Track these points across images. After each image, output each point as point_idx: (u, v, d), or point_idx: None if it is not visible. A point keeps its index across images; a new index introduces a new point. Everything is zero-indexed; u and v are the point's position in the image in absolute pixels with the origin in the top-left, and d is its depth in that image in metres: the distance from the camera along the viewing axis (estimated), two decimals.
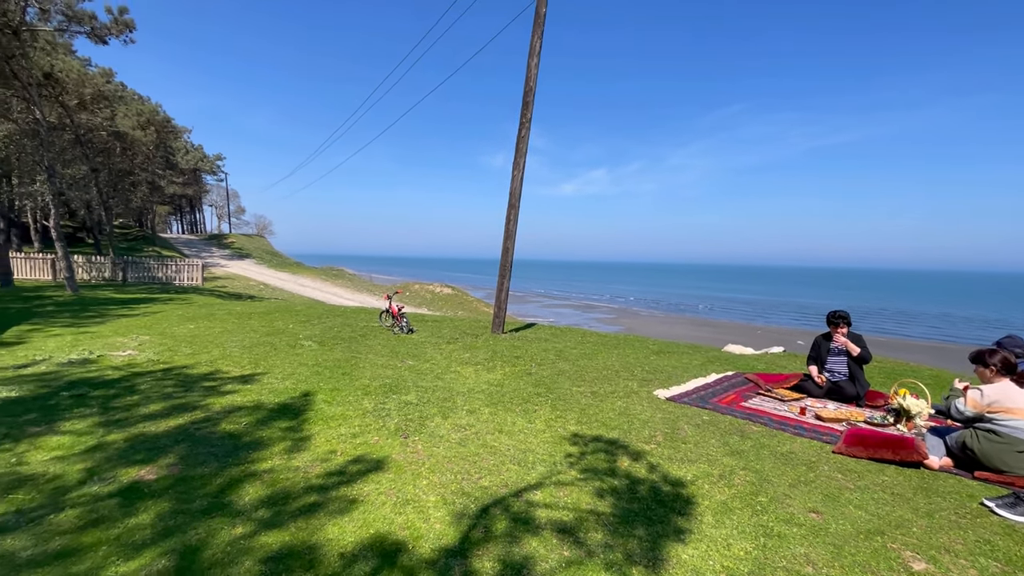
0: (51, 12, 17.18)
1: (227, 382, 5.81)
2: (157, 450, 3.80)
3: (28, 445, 3.81)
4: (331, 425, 4.51)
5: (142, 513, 2.93)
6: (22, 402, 4.82)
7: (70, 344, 7.72)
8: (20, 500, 3.02)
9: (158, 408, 4.77)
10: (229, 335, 8.98)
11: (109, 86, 29.05)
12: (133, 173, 33.22)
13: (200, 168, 61.38)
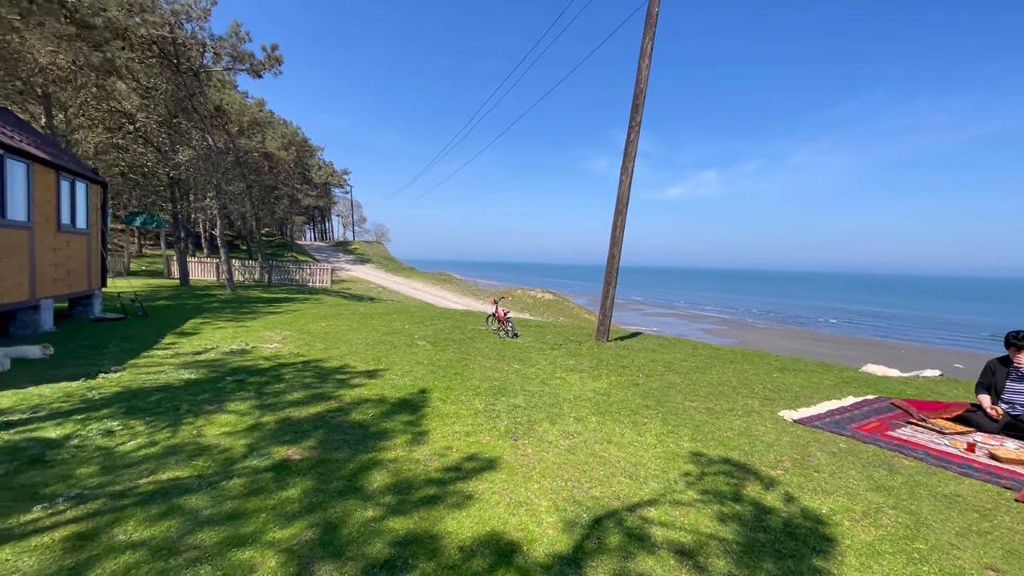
0: (221, 55, 20.35)
1: (355, 376, 6.39)
2: (301, 434, 4.30)
3: (204, 420, 4.52)
4: (446, 422, 4.75)
5: (291, 488, 3.32)
6: (198, 384, 5.72)
7: (231, 336, 9.03)
8: (200, 466, 3.59)
9: (300, 396, 5.40)
10: (354, 333, 9.87)
11: (261, 114, 33.65)
12: (277, 188, 38.07)
13: (330, 182, 68.50)
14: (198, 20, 19.07)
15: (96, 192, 11.10)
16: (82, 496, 3.09)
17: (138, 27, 17.65)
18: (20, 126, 10.22)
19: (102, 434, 4.06)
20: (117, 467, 3.52)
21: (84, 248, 10.41)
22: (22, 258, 8.02)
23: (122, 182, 24.78)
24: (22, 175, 8.01)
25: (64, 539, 2.64)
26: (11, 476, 3.31)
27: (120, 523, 2.81)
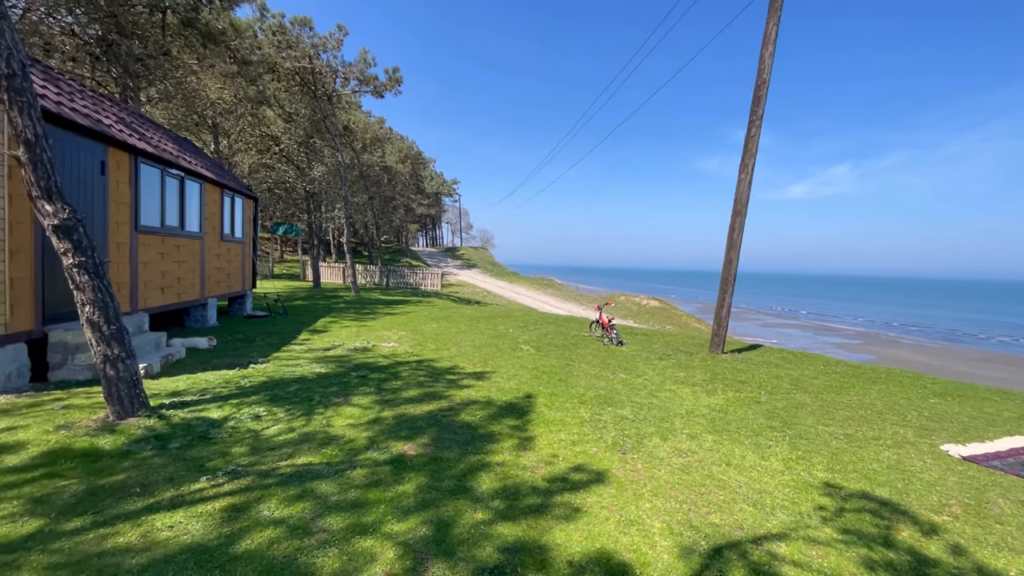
0: (350, 79, 22.53)
1: (463, 377, 6.62)
2: (416, 430, 4.53)
3: (333, 412, 4.96)
4: (552, 429, 4.71)
5: (407, 483, 3.50)
6: (328, 377, 6.31)
7: (355, 334, 9.88)
8: (329, 455, 3.93)
9: (415, 394, 5.71)
10: (463, 335, 10.27)
11: (382, 130, 36.68)
12: (395, 198, 41.17)
13: (441, 192, 72.53)
14: (332, 50, 21.28)
15: (249, 206, 12.84)
16: (236, 472, 3.53)
17: (284, 61, 20.15)
18: (196, 152, 12.18)
19: (252, 418, 4.63)
20: (263, 449, 3.98)
21: (240, 254, 12.08)
22: (196, 263, 9.51)
23: (269, 196, 28.46)
24: (197, 193, 9.51)
25: (222, 509, 3.03)
26: (184, 449, 3.90)
27: (265, 500, 3.16)
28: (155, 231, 7.95)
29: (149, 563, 2.49)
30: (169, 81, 17.51)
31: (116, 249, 6.90)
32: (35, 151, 4.03)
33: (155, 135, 9.38)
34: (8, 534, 2.68)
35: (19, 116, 3.97)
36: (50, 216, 4.10)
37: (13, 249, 5.11)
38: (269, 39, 20.14)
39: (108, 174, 6.69)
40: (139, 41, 15.68)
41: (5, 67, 3.90)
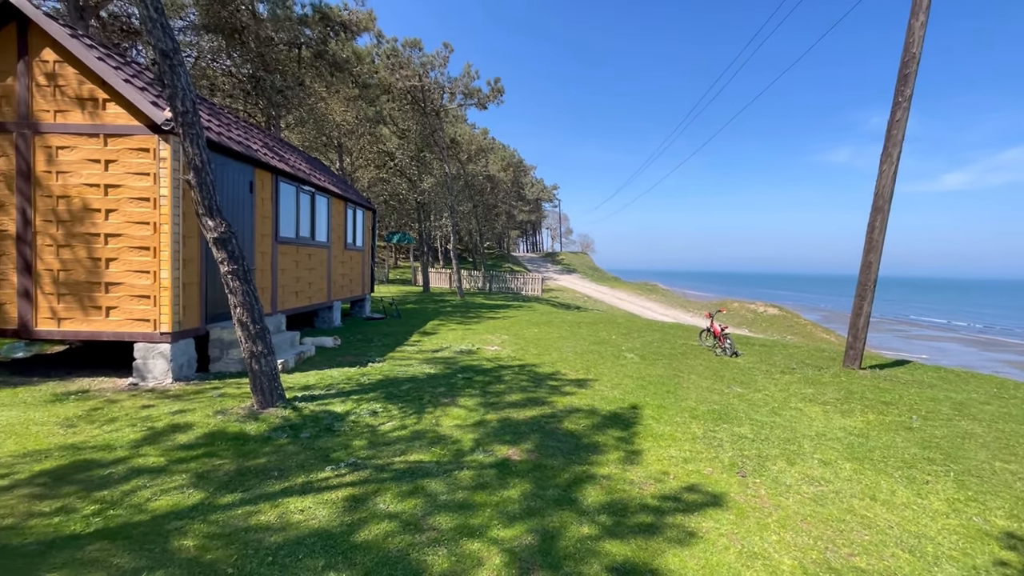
0: (456, 94, 23.66)
1: (565, 384, 6.54)
2: (519, 436, 4.54)
3: (441, 412, 5.16)
4: (661, 444, 4.46)
5: (511, 488, 3.50)
6: (436, 378, 6.60)
7: (460, 337, 10.26)
8: (438, 454, 4.07)
9: (517, 399, 5.75)
10: (564, 341, 10.19)
11: (485, 141, 38.00)
12: (497, 206, 42.39)
13: (541, 198, 73.30)
14: (439, 67, 22.52)
15: (369, 217, 13.98)
16: (356, 464, 3.79)
17: (397, 81, 21.72)
18: (324, 170, 13.55)
19: (370, 414, 4.97)
20: (379, 444, 4.24)
21: (360, 261, 13.18)
22: (324, 270, 10.54)
23: (385, 208, 30.81)
24: (325, 207, 10.55)
25: (344, 499, 3.26)
26: (313, 439, 4.28)
27: (380, 494, 3.35)
28: (291, 241, 8.95)
29: (284, 542, 2.75)
30: (303, 108, 19.73)
31: (260, 258, 7.87)
32: (201, 175, 4.72)
33: (292, 156, 10.58)
34: (179, 503, 3.12)
35: (190, 146, 4.68)
36: (211, 230, 4.76)
37: (185, 259, 6.04)
38: (384, 62, 21.85)
39: (255, 192, 7.66)
40: (280, 75, 17.88)
41: (181, 106, 4.62)
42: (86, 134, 5.80)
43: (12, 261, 5.82)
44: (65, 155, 5.81)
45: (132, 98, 5.65)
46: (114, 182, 5.82)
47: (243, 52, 17.38)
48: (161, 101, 5.95)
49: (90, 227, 5.83)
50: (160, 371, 5.81)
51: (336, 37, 19.57)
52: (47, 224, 5.81)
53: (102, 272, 5.84)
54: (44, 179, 5.80)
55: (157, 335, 5.82)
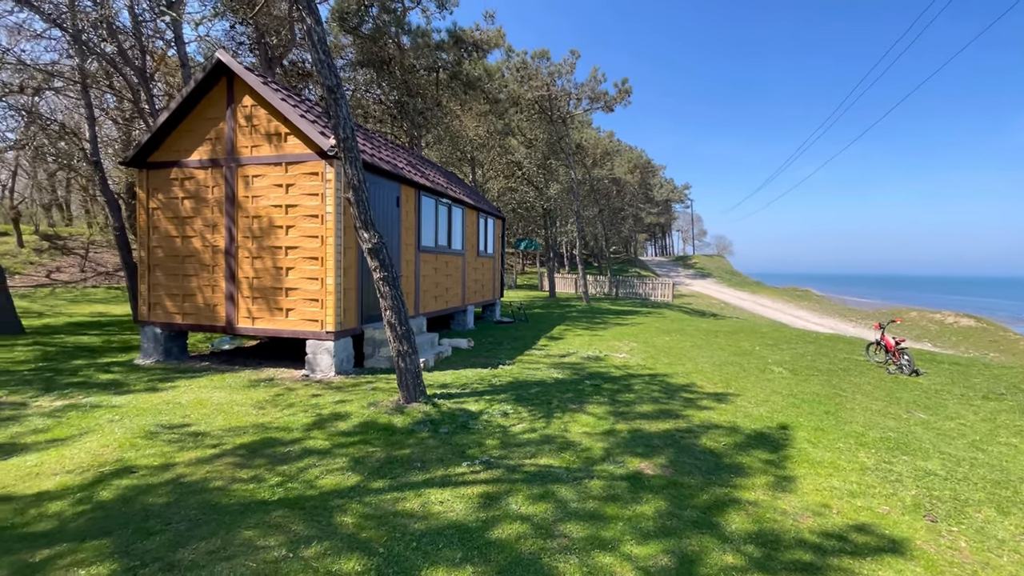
0: (582, 99, 23.65)
1: (702, 397, 6.10)
2: (652, 448, 4.33)
3: (569, 418, 5.14)
4: (819, 472, 3.91)
5: (644, 504, 3.34)
6: (564, 383, 6.61)
7: (587, 343, 10.16)
8: (567, 460, 4.06)
9: (649, 409, 5.50)
10: (699, 350, 9.53)
11: (611, 144, 37.37)
12: (623, 209, 41.35)
13: (671, 199, 69.83)
14: (566, 75, 22.72)
15: (498, 225, 14.58)
16: (489, 463, 3.94)
17: (526, 93, 22.39)
18: (459, 182, 14.47)
19: (501, 415, 5.15)
20: (510, 444, 4.36)
21: (491, 268, 13.80)
22: (459, 276, 11.24)
23: (512, 216, 31.91)
24: (460, 217, 11.25)
25: (479, 495, 3.40)
26: (451, 435, 4.55)
27: (512, 494, 3.43)
28: (431, 250, 9.69)
29: (426, 530, 2.95)
30: (440, 127, 21.34)
31: (405, 265, 8.64)
32: (359, 193, 5.34)
33: (431, 172, 11.49)
34: (340, 483, 3.53)
35: (350, 168, 5.32)
36: (366, 241, 5.35)
37: (345, 267, 6.87)
38: (513, 76, 22.68)
39: (401, 206, 8.45)
40: (420, 98, 19.58)
41: (342, 133, 5.27)
42: (272, 163, 6.93)
43: (222, 271, 7.17)
44: (257, 182, 7.00)
45: (306, 130, 6.61)
46: (292, 202, 6.85)
47: (390, 81, 19.37)
48: (327, 131, 6.87)
49: (275, 241, 6.93)
50: (325, 365, 6.68)
51: (469, 57, 20.85)
52: (245, 239, 7.05)
53: (283, 279, 6.90)
54: (243, 202, 7.06)
55: (323, 333, 6.70)
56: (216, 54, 6.97)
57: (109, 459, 3.82)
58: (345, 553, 2.70)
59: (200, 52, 17.18)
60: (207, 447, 4.11)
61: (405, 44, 18.96)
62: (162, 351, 7.48)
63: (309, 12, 5.23)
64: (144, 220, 7.52)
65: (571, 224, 34.86)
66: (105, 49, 12.15)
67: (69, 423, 4.61)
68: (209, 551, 2.68)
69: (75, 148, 17.31)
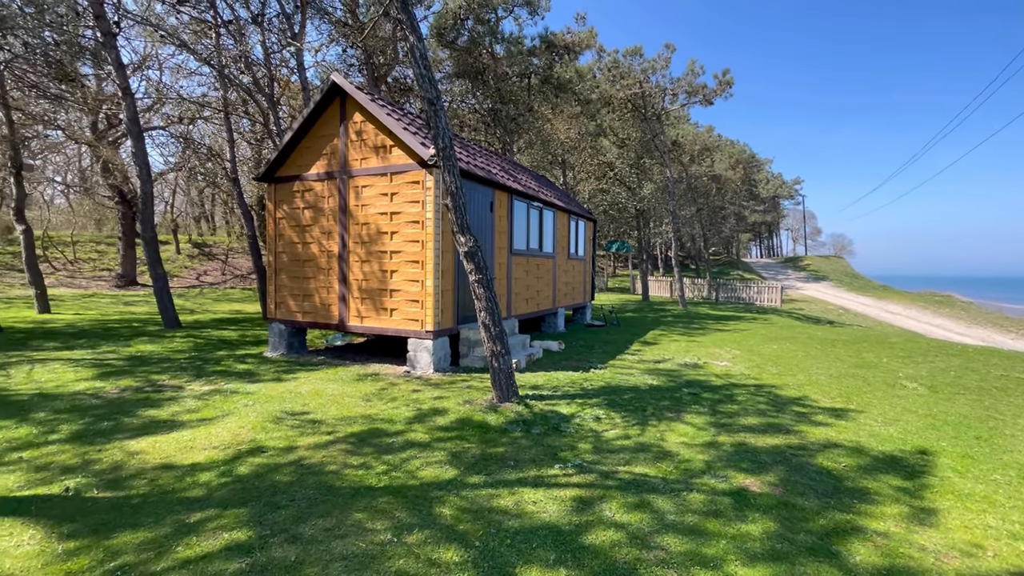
0: (678, 94, 22.65)
1: (817, 412, 5.54)
2: (759, 464, 4.02)
3: (665, 426, 4.93)
4: (968, 506, 3.37)
5: (751, 523, 3.11)
6: (659, 390, 6.35)
7: (684, 349, 9.68)
8: (664, 470, 3.89)
9: (755, 422, 5.11)
10: (812, 361, 8.67)
11: (710, 139, 35.32)
12: (724, 208, 38.86)
13: (778, 195, 64.36)
14: (661, 70, 21.91)
15: (590, 227, 14.42)
16: (582, 467, 3.90)
17: (618, 92, 21.93)
18: (549, 185, 14.54)
19: (593, 419, 5.08)
20: (603, 450, 4.28)
21: (582, 270, 13.68)
22: (549, 278, 11.29)
23: (604, 218, 31.37)
24: (551, 220, 11.30)
25: (573, 499, 3.38)
26: (543, 436, 4.58)
27: (606, 500, 3.36)
28: (523, 253, 9.84)
29: (520, 529, 2.99)
30: (532, 131, 21.61)
31: (498, 268, 8.85)
32: (456, 199, 5.57)
33: (523, 176, 11.66)
34: (438, 476, 3.71)
35: (448, 175, 5.57)
36: (463, 245, 5.57)
37: (443, 270, 7.21)
38: (605, 75, 22.32)
39: (494, 210, 8.68)
40: (513, 105, 19.99)
41: (441, 143, 5.54)
42: (379, 174, 7.47)
43: (336, 274, 7.86)
44: (366, 191, 7.58)
45: (409, 142, 7.04)
46: (396, 210, 7.33)
47: (484, 90, 20.01)
48: (427, 141, 7.27)
49: (380, 246, 7.46)
50: (424, 362, 7.05)
51: (560, 60, 20.90)
52: (355, 245, 7.67)
53: (388, 281, 7.40)
54: (354, 211, 7.68)
55: (423, 332, 7.07)
56: (331, 76, 7.67)
57: (245, 439, 4.35)
58: (444, 543, 2.82)
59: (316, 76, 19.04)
60: (323, 434, 4.53)
61: (498, 53, 19.48)
62: (286, 345, 8.37)
63: (412, 30, 5.57)
64: (272, 229, 8.48)
65: (666, 225, 33.54)
66: (242, 80, 13.92)
67: (214, 405, 5.32)
68: (326, 528, 2.95)
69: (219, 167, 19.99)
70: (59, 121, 16.30)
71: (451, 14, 18.04)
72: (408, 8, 5.56)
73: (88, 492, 3.36)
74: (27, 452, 4.00)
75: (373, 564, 2.62)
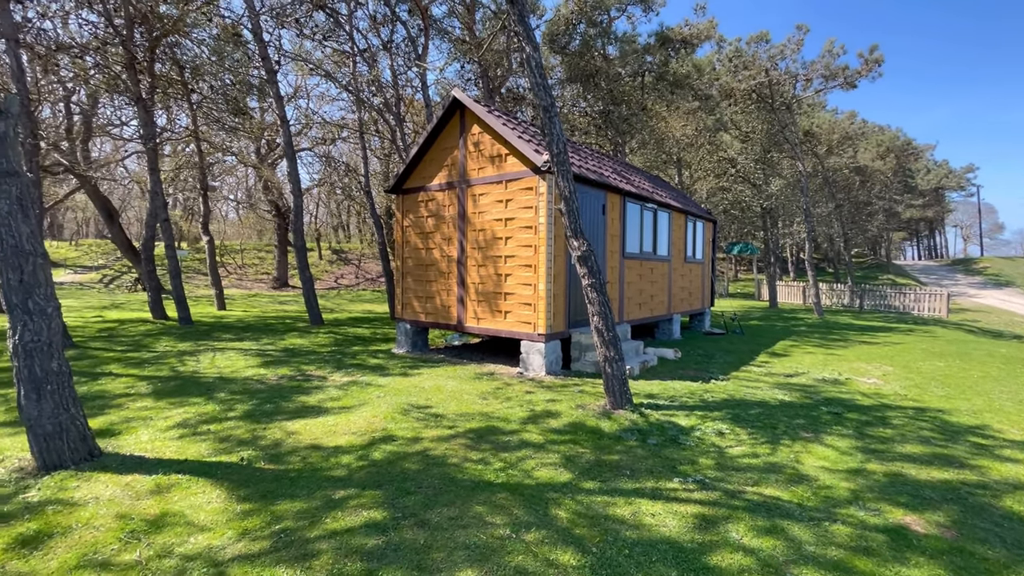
0: (812, 79, 20.39)
1: (1003, 445, 4.62)
2: (922, 500, 3.46)
3: (801, 447, 4.46)
4: None
5: (913, 567, 2.69)
6: (792, 407, 5.77)
7: (821, 363, 8.67)
8: (800, 495, 3.53)
9: (916, 451, 4.41)
10: (994, 382, 7.25)
11: (852, 126, 31.22)
12: (870, 203, 34.06)
13: (943, 186, 54.83)
14: (791, 55, 19.94)
15: (709, 228, 13.57)
16: (704, 483, 3.68)
17: (740, 83, 20.39)
18: (664, 185, 13.95)
19: (715, 433, 4.76)
20: (727, 467, 4.00)
21: (700, 274, 12.91)
22: (664, 283, 10.83)
23: (724, 218, 29.28)
24: (666, 222, 10.84)
25: (693, 515, 3.21)
26: (660, 447, 4.41)
27: (732, 521, 3.14)
28: (636, 256, 9.56)
29: (638, 540, 2.91)
30: (645, 131, 20.93)
31: (609, 272, 8.71)
32: (569, 204, 5.60)
33: (635, 177, 11.34)
34: (553, 478, 3.75)
35: (561, 180, 5.62)
36: (576, 249, 5.58)
37: (555, 273, 7.28)
38: (726, 66, 20.88)
39: (606, 213, 8.56)
40: (625, 105, 19.54)
41: (555, 148, 5.61)
42: (494, 181, 7.77)
43: (455, 278, 8.33)
44: (482, 199, 7.93)
45: (523, 149, 7.24)
46: (510, 216, 7.57)
47: (595, 92, 19.83)
48: (540, 148, 7.40)
49: (496, 251, 7.75)
50: (537, 364, 7.17)
51: (676, 56, 20.01)
52: (472, 250, 8.06)
53: (502, 285, 7.66)
54: (472, 218, 8.08)
55: (535, 335, 7.20)
56: (452, 92, 8.16)
57: (378, 427, 4.79)
58: (560, 545, 2.85)
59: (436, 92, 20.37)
60: (444, 427, 4.82)
61: (611, 54, 19.21)
62: (410, 343, 9.05)
63: (528, 41, 5.72)
64: (399, 236, 9.23)
65: (798, 224, 30.37)
66: (374, 102, 15.38)
67: (351, 395, 5.93)
68: (450, 517, 3.14)
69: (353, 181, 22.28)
70: (233, 148, 19.41)
71: (563, 20, 18.18)
72: (525, 20, 5.73)
73: (257, 463, 3.94)
74: (213, 425, 4.82)
75: (494, 557, 2.73)
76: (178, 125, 17.24)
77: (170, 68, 13.15)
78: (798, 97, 21.21)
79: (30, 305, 3.70)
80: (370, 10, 14.14)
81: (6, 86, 10.78)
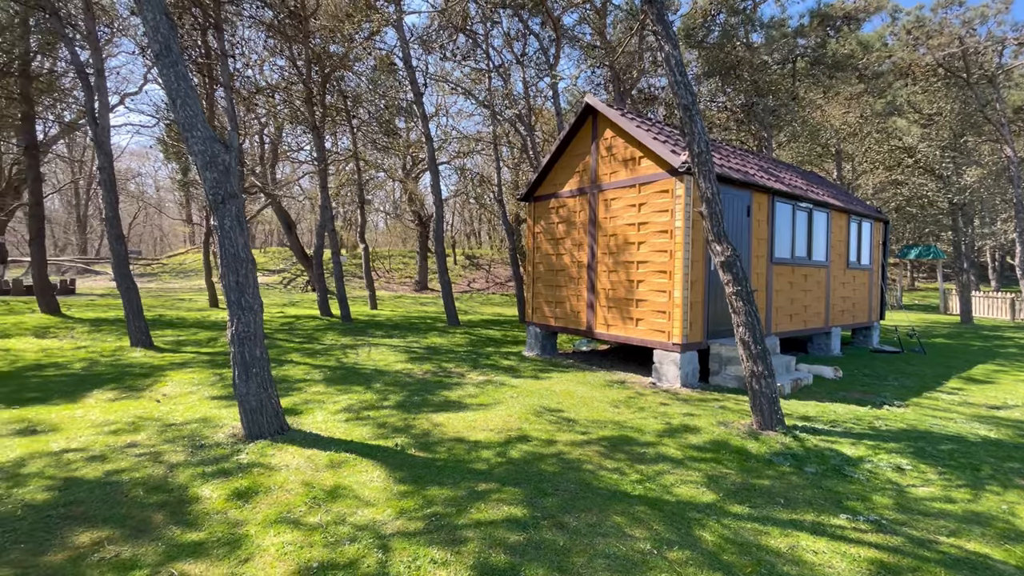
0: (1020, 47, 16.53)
1: None
2: None
3: (1016, 497, 3.63)
4: None
5: None
6: (1001, 445, 4.72)
7: None
8: (1019, 556, 2.87)
9: None
10: None
11: None
12: None
13: None
14: (995, 15, 16.43)
15: (878, 229, 11.73)
16: (880, 525, 3.19)
17: (922, 57, 17.33)
18: (820, 182, 12.39)
19: (892, 468, 4.10)
20: (911, 510, 3.41)
21: (866, 282, 11.21)
22: (821, 291, 9.61)
23: (896, 216, 25.04)
24: (823, 223, 9.62)
25: (870, 560, 2.80)
26: (820, 477, 3.92)
27: (922, 574, 2.67)
28: (786, 262, 8.64)
29: None
30: (796, 122, 18.83)
31: (755, 279, 7.98)
32: (712, 206, 5.27)
33: (785, 174, 10.25)
34: (695, 497, 3.54)
35: (703, 181, 5.31)
36: (719, 254, 5.22)
37: (692, 280, 6.89)
38: (902, 40, 17.91)
39: (752, 215, 7.87)
40: (772, 96, 17.78)
41: (697, 148, 5.32)
42: (627, 186, 7.62)
43: (584, 283, 8.33)
44: (614, 204, 7.82)
45: (658, 151, 6.99)
46: (643, 220, 7.35)
47: (736, 85, 18.38)
48: (677, 149, 7.08)
49: (627, 256, 7.58)
50: (671, 376, 6.84)
51: (836, 35, 17.72)
52: (603, 256, 7.99)
53: (634, 291, 7.46)
54: (603, 223, 8.01)
55: (670, 345, 6.88)
56: (584, 98, 8.19)
57: (513, 427, 4.98)
58: (708, 569, 2.68)
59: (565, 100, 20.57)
60: (577, 432, 4.84)
61: (755, 42, 17.69)
62: (540, 347, 9.25)
63: (667, 39, 5.52)
64: (530, 242, 9.51)
65: (1003, 222, 24.91)
66: (507, 114, 16.07)
67: (487, 394, 6.24)
68: (588, 523, 3.14)
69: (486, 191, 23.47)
70: (384, 165, 21.73)
71: (700, 12, 17.19)
72: (664, 18, 5.54)
73: (409, 450, 4.35)
74: (372, 412, 5.43)
75: (635, 571, 2.67)
76: (341, 147, 19.84)
77: (336, 98, 15.19)
78: (1004, 67, 17.38)
79: (242, 302, 4.54)
80: (504, 28, 14.83)
81: (223, 125, 13.39)
